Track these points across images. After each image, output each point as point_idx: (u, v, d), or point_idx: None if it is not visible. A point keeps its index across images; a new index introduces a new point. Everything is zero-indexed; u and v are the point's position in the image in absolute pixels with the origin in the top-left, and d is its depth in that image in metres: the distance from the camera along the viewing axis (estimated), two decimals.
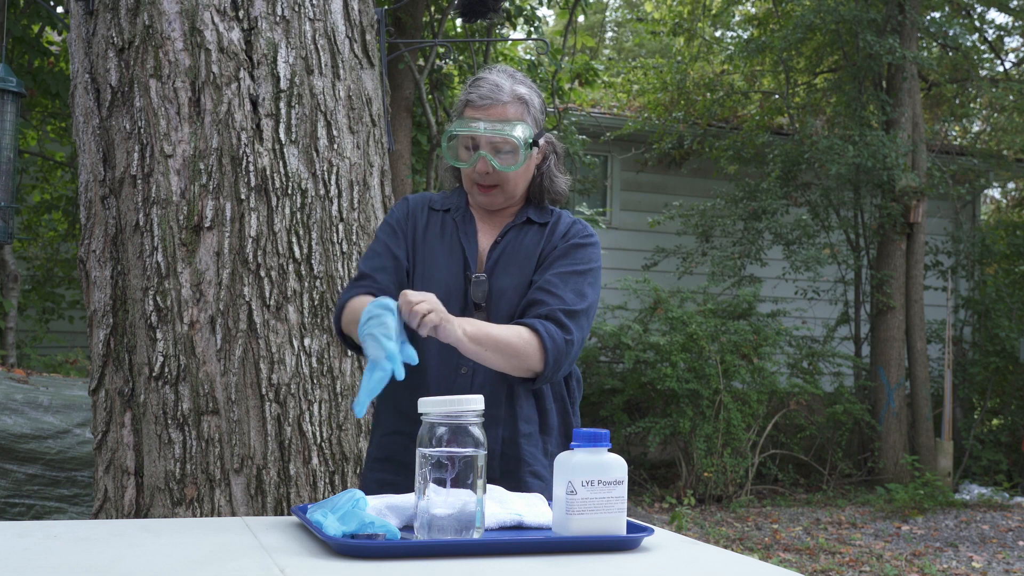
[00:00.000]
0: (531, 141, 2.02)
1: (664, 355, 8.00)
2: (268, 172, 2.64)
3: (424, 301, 1.78)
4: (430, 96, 8.24)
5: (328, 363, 2.66)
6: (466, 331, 1.84)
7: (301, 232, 2.66)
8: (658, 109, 10.63)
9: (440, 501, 1.46)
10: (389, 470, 2.04)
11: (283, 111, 2.67)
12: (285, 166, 2.65)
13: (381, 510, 1.58)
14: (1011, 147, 10.24)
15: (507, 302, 2.01)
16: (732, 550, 3.62)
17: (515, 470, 1.96)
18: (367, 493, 2.02)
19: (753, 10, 11.56)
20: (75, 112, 2.86)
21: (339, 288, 2.70)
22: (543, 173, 2.10)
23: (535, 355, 1.92)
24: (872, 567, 5.82)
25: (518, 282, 2.02)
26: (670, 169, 10.75)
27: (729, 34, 11.78)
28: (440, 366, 1.98)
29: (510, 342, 1.90)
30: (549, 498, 1.79)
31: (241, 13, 2.68)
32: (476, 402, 1.50)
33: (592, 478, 1.50)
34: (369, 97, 2.88)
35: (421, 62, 7.99)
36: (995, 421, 10.21)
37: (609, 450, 1.53)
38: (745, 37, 11.14)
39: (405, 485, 1.86)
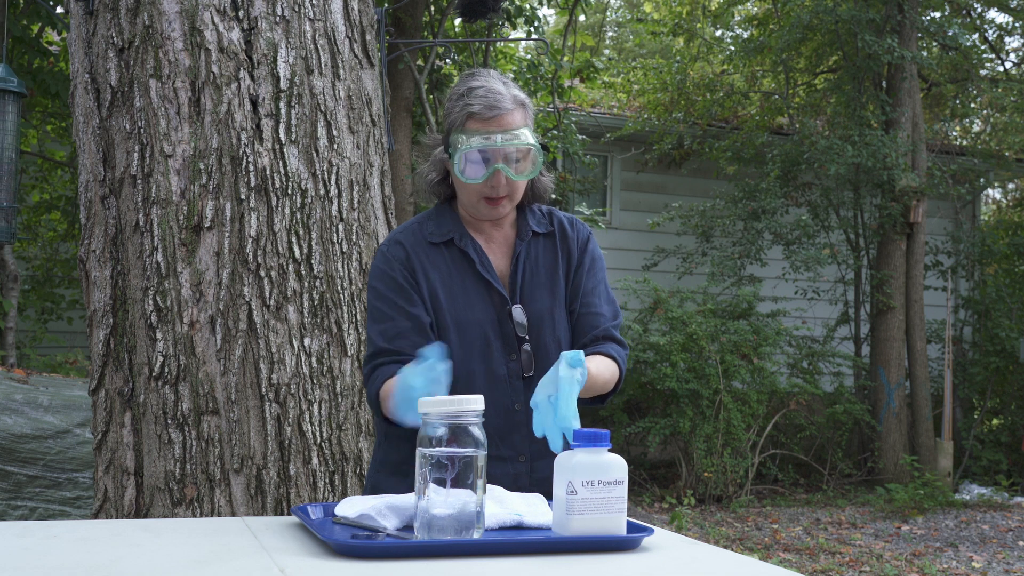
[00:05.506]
0: (543, 145, 1.97)
1: (664, 355, 8.00)
2: (268, 172, 2.64)
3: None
4: (430, 96, 8.24)
5: (328, 363, 2.66)
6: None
7: (301, 232, 2.66)
8: (658, 109, 10.63)
9: (440, 501, 1.46)
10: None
11: (283, 111, 2.67)
12: (285, 166, 2.65)
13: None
14: (1011, 147, 10.23)
15: (548, 327, 1.99)
16: (732, 550, 3.62)
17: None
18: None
19: (755, 10, 11.55)
20: (75, 112, 2.86)
21: (339, 288, 2.70)
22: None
23: (614, 379, 1.98)
24: (872, 567, 5.82)
25: (551, 304, 2.01)
26: (670, 169, 10.74)
27: (729, 34, 11.78)
28: (492, 405, 1.70)
29: (605, 378, 1.93)
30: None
31: (241, 13, 2.68)
32: (476, 402, 1.50)
33: (592, 478, 1.49)
34: (369, 97, 2.88)
35: (421, 62, 7.99)
36: (995, 421, 10.21)
37: (609, 450, 1.53)
38: (745, 37, 11.14)
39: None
